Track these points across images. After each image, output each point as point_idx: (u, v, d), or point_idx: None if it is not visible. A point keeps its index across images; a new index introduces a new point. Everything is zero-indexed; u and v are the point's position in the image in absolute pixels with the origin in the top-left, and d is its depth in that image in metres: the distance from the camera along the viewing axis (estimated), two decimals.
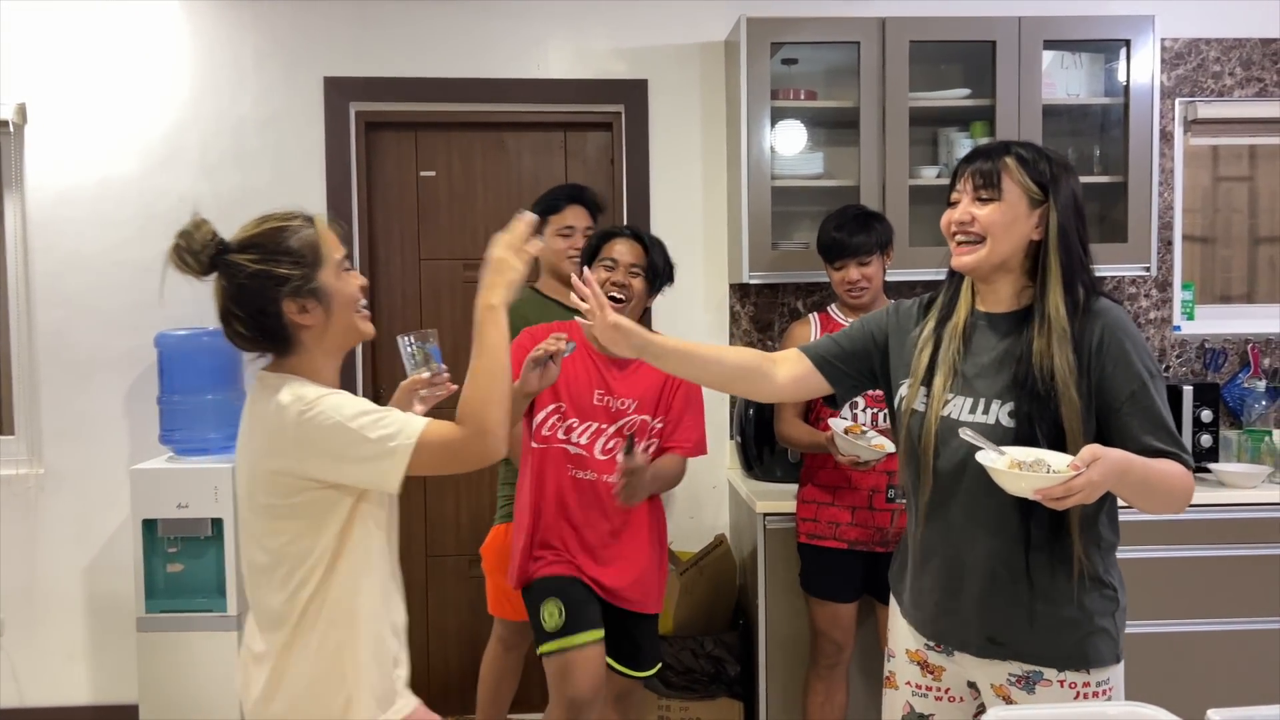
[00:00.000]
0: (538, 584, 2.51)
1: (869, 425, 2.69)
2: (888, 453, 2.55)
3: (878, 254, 2.77)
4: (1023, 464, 1.58)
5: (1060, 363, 1.67)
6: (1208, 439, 3.31)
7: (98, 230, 3.43)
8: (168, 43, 3.42)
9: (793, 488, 2.94)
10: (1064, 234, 1.71)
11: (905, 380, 1.83)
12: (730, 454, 3.52)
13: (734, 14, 3.30)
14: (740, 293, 3.53)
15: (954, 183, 1.79)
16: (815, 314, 2.91)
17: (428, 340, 2.13)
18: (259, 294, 1.60)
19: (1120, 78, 3.30)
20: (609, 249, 2.53)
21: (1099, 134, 3.47)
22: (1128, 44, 3.25)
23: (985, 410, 1.72)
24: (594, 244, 2.58)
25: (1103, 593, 1.73)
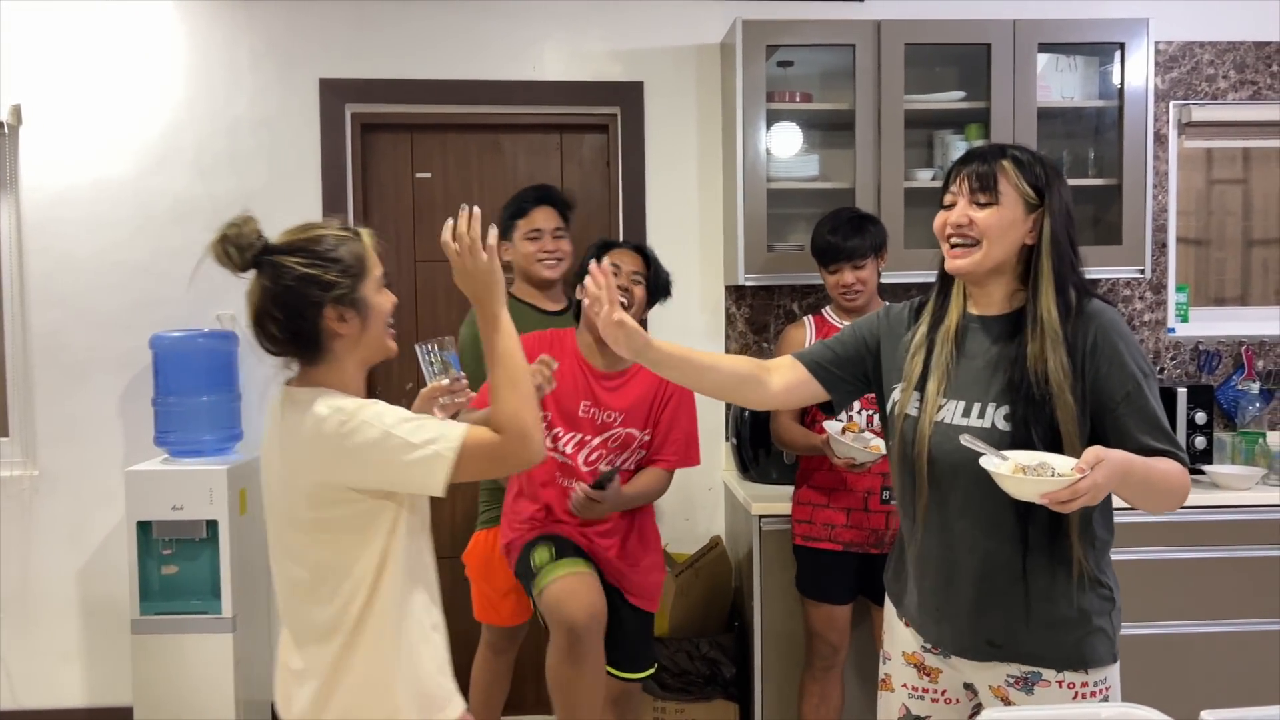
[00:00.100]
0: (529, 543, 2.51)
1: (864, 426, 2.70)
2: (883, 454, 2.55)
3: (872, 257, 2.77)
4: (1026, 468, 1.57)
5: (1054, 366, 1.67)
6: (1202, 441, 3.32)
7: (93, 231, 3.42)
8: (163, 44, 3.42)
9: (788, 490, 2.94)
10: (1056, 238, 1.71)
11: (898, 385, 1.82)
12: (726, 456, 3.52)
13: (729, 16, 3.30)
14: (736, 295, 3.53)
15: (948, 184, 1.78)
16: (810, 316, 2.92)
17: (446, 347, 2.13)
18: (302, 297, 1.60)
19: (1115, 81, 3.31)
20: (611, 257, 2.54)
21: (1093, 137, 3.47)
22: (1122, 47, 3.26)
23: (980, 414, 1.71)
24: (594, 253, 2.56)
25: (1099, 592, 1.73)
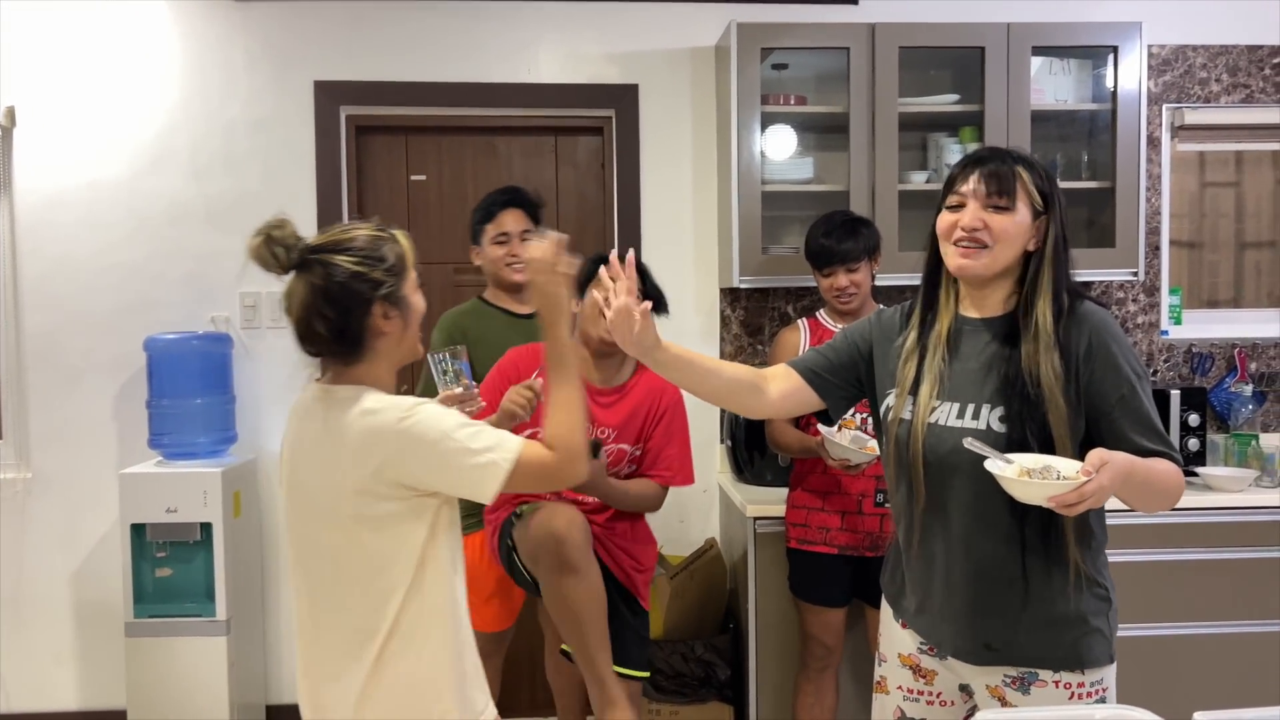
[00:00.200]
0: (507, 517, 2.48)
1: (859, 425, 2.70)
2: (878, 455, 2.55)
3: (866, 260, 2.77)
4: (1031, 471, 1.57)
5: (1046, 370, 1.67)
6: (1195, 443, 3.34)
7: (87, 233, 3.42)
8: (157, 46, 3.41)
9: (783, 492, 2.94)
10: (1059, 246, 1.72)
11: (891, 390, 1.82)
12: (721, 458, 3.52)
13: (724, 19, 3.31)
14: (730, 297, 3.54)
15: (954, 185, 1.75)
16: (804, 320, 2.92)
17: (458, 356, 2.13)
18: (353, 295, 1.61)
19: (1108, 84, 3.32)
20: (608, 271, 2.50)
21: (1087, 140, 3.49)
22: (1115, 50, 3.27)
23: (975, 415, 1.71)
24: (591, 268, 2.50)
25: (1095, 593, 1.74)
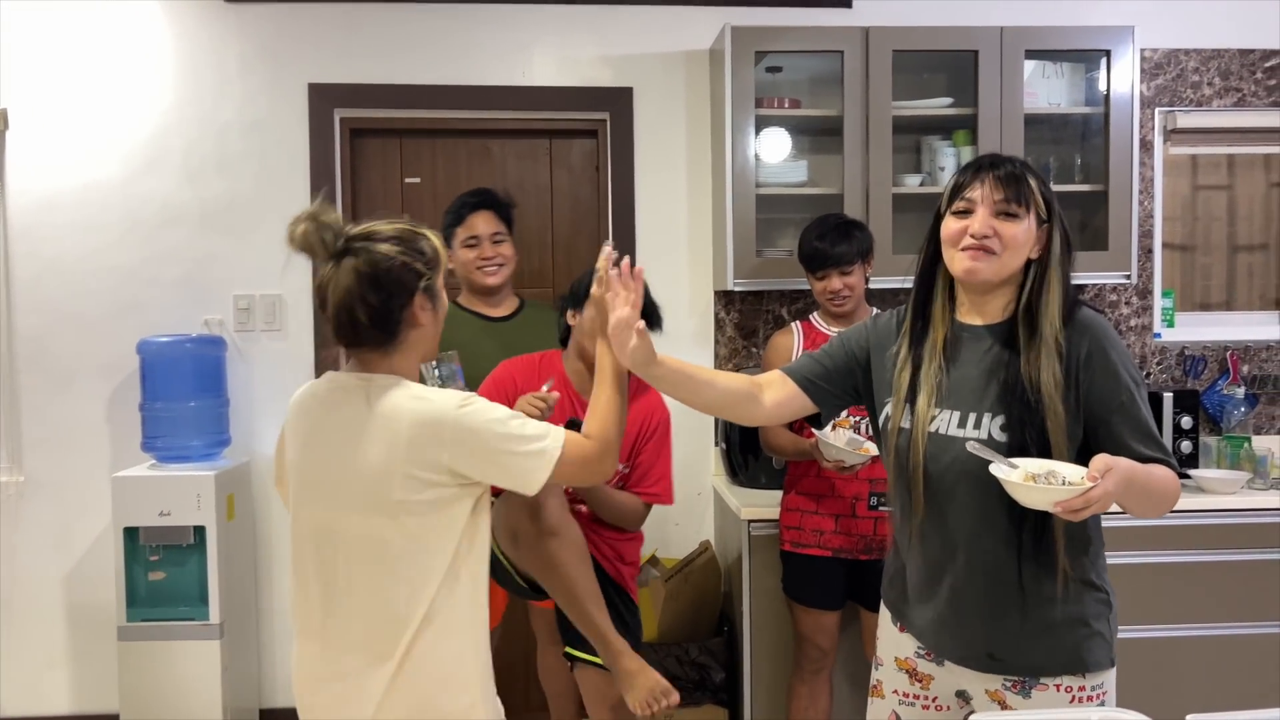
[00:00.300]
0: None
1: (854, 425, 2.70)
2: (872, 455, 2.56)
3: (859, 263, 2.78)
4: (1036, 476, 1.56)
5: (1047, 376, 1.66)
6: (1188, 445, 3.35)
7: (80, 236, 3.41)
8: (151, 48, 3.41)
9: (778, 495, 2.94)
10: (1065, 253, 1.72)
11: (889, 399, 1.80)
12: (715, 461, 3.52)
13: (719, 23, 3.31)
14: (725, 300, 3.54)
15: (963, 191, 1.74)
16: (798, 323, 2.92)
17: (452, 360, 2.13)
18: (399, 283, 1.64)
19: (1101, 87, 3.33)
20: None
21: (1080, 143, 3.50)
22: (1108, 54, 3.29)
23: (976, 424, 1.70)
24: (588, 281, 2.43)
25: (1096, 596, 1.73)
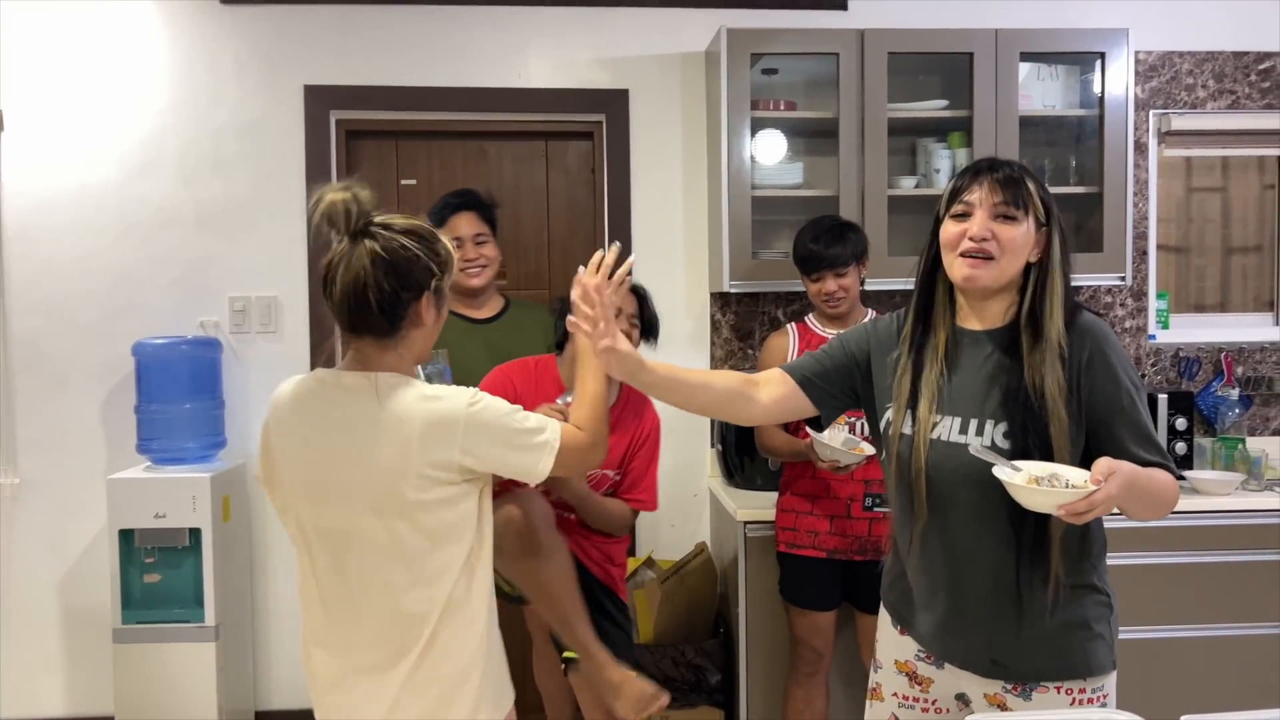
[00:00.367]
0: None
1: (848, 426, 2.70)
2: (867, 455, 2.56)
3: (854, 264, 2.78)
4: (1039, 479, 1.56)
5: (1051, 382, 1.66)
6: (1182, 447, 3.36)
7: (75, 237, 3.40)
8: (146, 49, 3.41)
9: (773, 496, 2.94)
10: (1065, 256, 1.71)
11: (890, 404, 1.79)
12: (711, 462, 3.53)
13: (714, 25, 3.32)
14: (721, 301, 3.54)
15: (960, 194, 1.73)
16: (793, 324, 2.92)
17: (438, 359, 2.13)
18: (411, 277, 1.65)
19: (1095, 90, 3.34)
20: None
21: (1075, 145, 3.50)
22: (1102, 57, 3.29)
23: (979, 430, 1.69)
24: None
25: (1097, 599, 1.73)
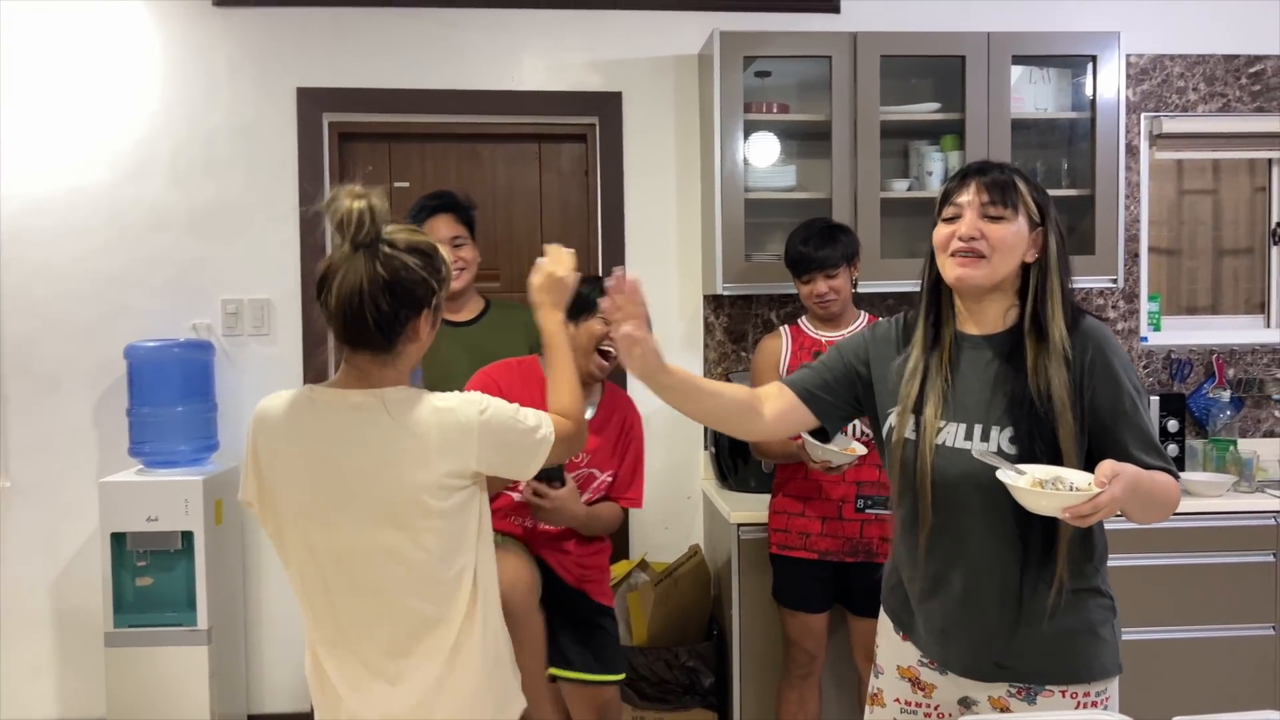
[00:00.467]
0: None
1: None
2: (859, 456, 2.57)
3: (844, 266, 2.79)
4: (1044, 482, 1.56)
5: (1058, 384, 1.65)
6: (1174, 448, 3.37)
7: (67, 240, 3.39)
8: (139, 52, 3.40)
9: (767, 498, 2.94)
10: (1062, 255, 1.71)
11: (892, 409, 1.77)
12: (705, 464, 3.53)
13: (707, 28, 3.32)
14: (714, 304, 3.55)
15: (952, 196, 1.73)
16: (786, 327, 2.93)
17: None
18: (411, 296, 1.65)
19: (1087, 93, 3.35)
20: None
21: (1066, 148, 3.52)
22: (1094, 60, 3.31)
23: (984, 436, 1.68)
24: (593, 296, 2.40)
25: (1100, 603, 1.72)
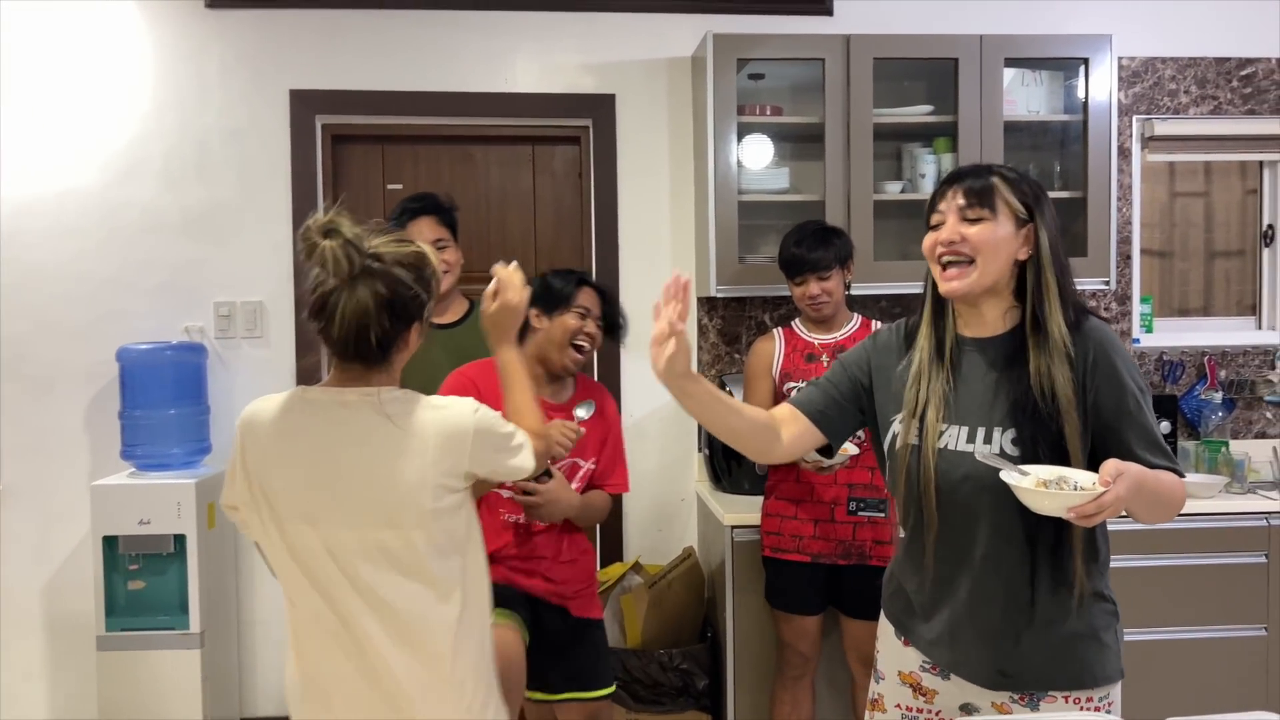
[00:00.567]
0: None
1: None
2: (851, 456, 2.57)
3: (837, 268, 2.80)
4: (1047, 483, 1.55)
5: (1062, 383, 1.64)
6: None
7: (59, 242, 3.38)
8: (131, 54, 3.39)
9: (760, 500, 2.95)
10: (1055, 250, 1.69)
11: (896, 416, 1.76)
12: (699, 467, 3.53)
13: (701, 30, 3.32)
14: (708, 306, 3.55)
15: (935, 205, 1.73)
16: (780, 329, 2.93)
17: None
18: (407, 312, 1.64)
19: (1079, 95, 3.36)
20: (583, 297, 2.46)
21: (1059, 150, 3.53)
22: (1086, 62, 3.31)
23: (987, 439, 1.67)
24: (567, 290, 2.46)
25: (1104, 607, 1.72)
